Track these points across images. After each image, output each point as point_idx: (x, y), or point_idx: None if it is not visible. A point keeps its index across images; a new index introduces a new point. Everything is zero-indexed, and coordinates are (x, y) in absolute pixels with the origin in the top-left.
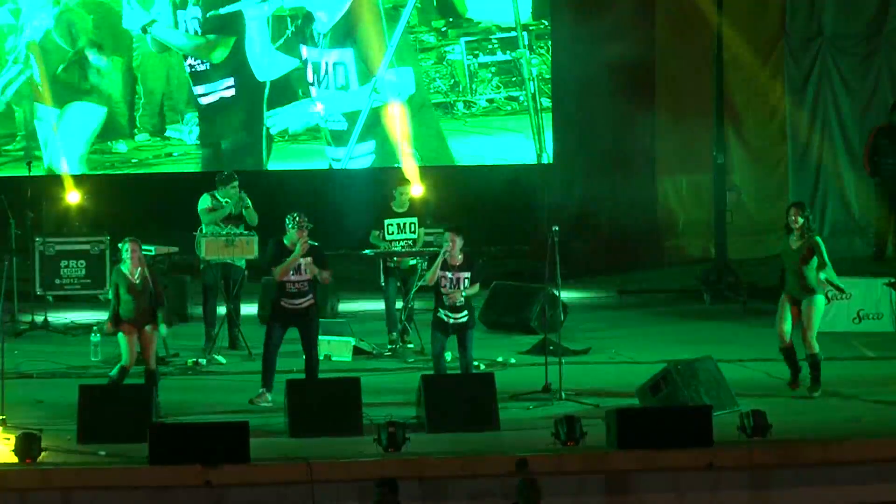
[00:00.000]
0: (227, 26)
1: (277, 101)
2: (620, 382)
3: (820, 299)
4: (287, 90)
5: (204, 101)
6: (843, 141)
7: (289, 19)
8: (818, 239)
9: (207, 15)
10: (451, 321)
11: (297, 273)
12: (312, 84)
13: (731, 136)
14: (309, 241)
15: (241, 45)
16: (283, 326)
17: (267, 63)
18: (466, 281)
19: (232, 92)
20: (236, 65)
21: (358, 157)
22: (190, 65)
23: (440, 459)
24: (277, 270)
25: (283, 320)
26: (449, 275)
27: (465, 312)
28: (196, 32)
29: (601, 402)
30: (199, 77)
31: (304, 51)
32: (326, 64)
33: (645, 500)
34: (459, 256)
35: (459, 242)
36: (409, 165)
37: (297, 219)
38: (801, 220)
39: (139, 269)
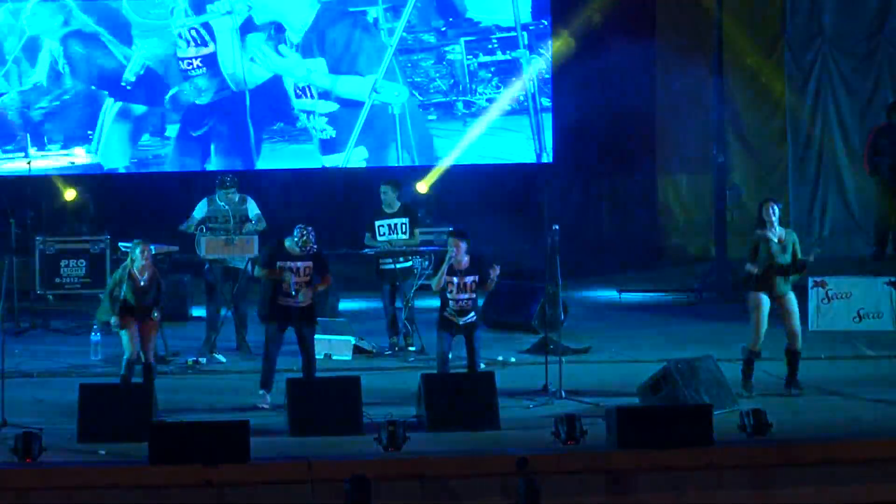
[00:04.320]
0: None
1: (260, 110)
2: (620, 382)
3: (791, 293)
4: (269, 98)
5: (200, 100)
6: (844, 140)
7: (259, 30)
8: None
9: (188, 28)
10: (459, 322)
11: (295, 274)
12: (299, 97)
13: (732, 136)
14: (313, 245)
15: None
16: (282, 326)
17: (240, 74)
18: (474, 285)
19: (229, 92)
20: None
21: (357, 158)
22: (183, 68)
23: (440, 458)
24: (259, 271)
25: (281, 320)
26: (455, 280)
27: (472, 313)
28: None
29: (601, 401)
30: (195, 81)
31: (280, 61)
32: (306, 73)
33: (645, 499)
34: (465, 260)
35: (464, 246)
36: (409, 165)
37: (304, 237)
38: (779, 213)
39: (149, 271)
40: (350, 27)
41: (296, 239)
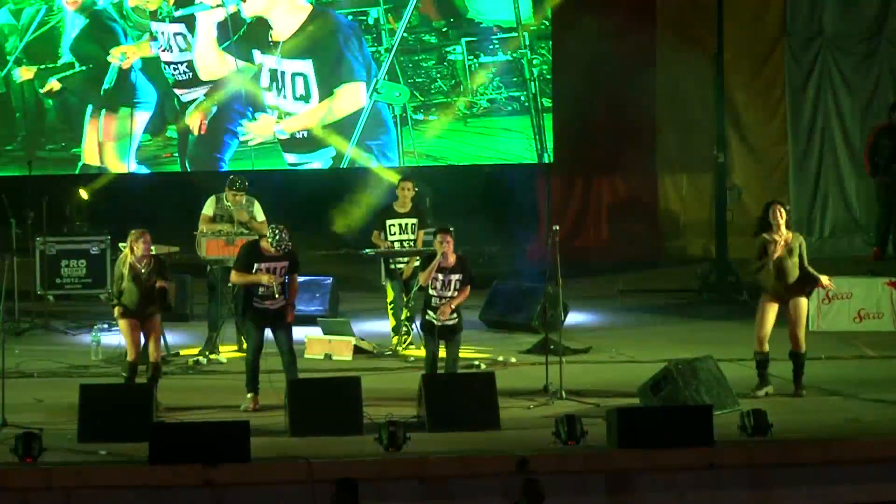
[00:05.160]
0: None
1: (261, 110)
2: (621, 382)
3: (803, 298)
4: (270, 99)
5: (193, 100)
6: (844, 140)
7: (242, 23)
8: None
9: (161, 16)
10: (439, 323)
11: (271, 275)
12: (270, 90)
13: (732, 136)
14: (288, 244)
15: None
16: (260, 328)
17: (209, 63)
18: (458, 283)
19: (225, 91)
20: None
21: (358, 158)
22: (172, 72)
23: (441, 459)
24: (234, 276)
25: (259, 322)
26: (441, 276)
27: (454, 315)
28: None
29: (602, 401)
30: (181, 84)
31: (258, 56)
32: (283, 73)
33: (645, 499)
34: (452, 258)
35: (452, 243)
36: (408, 165)
37: (277, 236)
38: (786, 216)
39: (146, 259)
40: (350, 27)
41: (269, 239)
